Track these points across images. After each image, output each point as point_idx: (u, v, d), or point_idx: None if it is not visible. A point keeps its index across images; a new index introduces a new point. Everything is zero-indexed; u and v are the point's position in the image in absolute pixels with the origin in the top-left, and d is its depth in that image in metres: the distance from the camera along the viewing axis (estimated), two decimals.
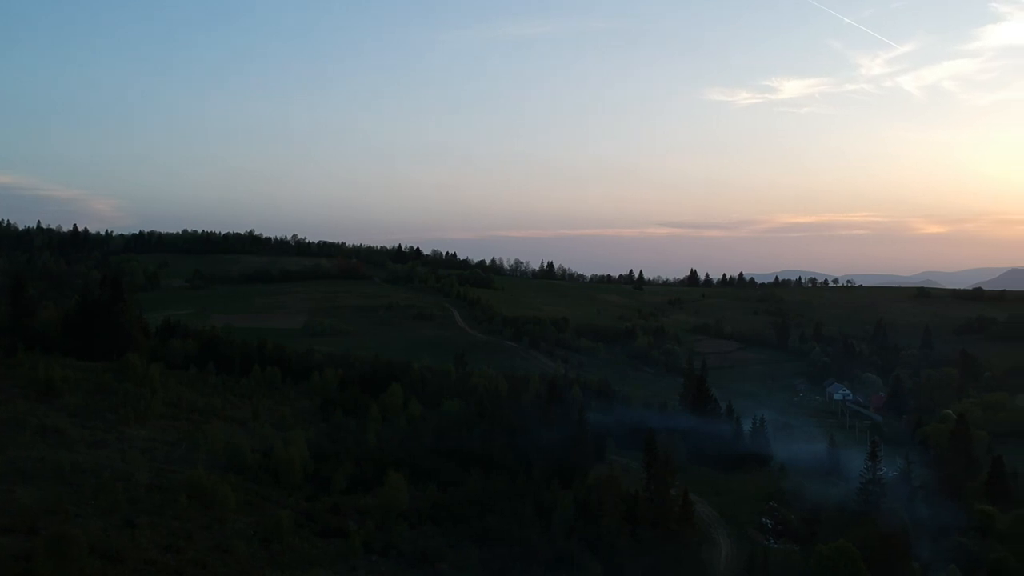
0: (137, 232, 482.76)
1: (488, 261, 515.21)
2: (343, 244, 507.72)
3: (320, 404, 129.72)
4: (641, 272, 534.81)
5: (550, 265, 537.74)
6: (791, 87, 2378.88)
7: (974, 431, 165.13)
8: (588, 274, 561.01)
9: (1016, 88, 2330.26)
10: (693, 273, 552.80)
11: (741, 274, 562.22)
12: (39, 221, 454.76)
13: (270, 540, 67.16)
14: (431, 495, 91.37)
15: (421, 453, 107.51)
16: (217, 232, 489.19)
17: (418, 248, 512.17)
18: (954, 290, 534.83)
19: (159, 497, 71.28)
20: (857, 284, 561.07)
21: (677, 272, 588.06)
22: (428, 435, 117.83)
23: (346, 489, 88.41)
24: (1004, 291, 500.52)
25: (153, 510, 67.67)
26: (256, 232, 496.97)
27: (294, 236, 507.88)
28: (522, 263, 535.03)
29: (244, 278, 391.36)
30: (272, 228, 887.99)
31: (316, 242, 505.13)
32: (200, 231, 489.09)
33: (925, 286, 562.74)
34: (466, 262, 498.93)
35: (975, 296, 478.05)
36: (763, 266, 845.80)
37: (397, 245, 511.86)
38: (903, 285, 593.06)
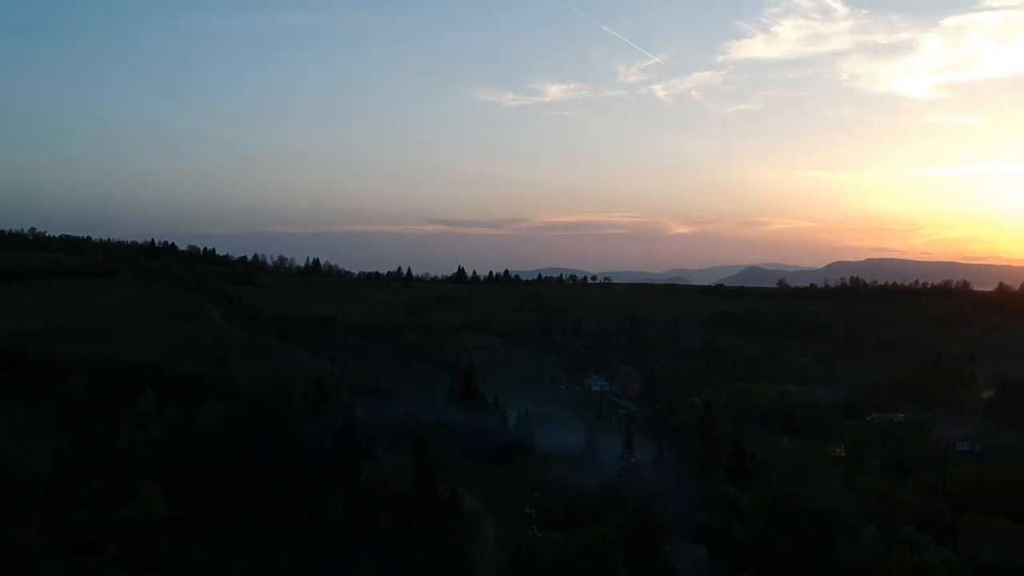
0: None
1: (250, 257, 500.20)
2: (88, 239, 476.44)
3: (65, 412, 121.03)
4: (410, 269, 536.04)
5: (316, 262, 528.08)
6: (555, 91, 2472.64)
7: (719, 418, 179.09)
8: (356, 271, 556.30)
9: (755, 99, 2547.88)
10: (461, 270, 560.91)
11: (507, 271, 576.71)
12: None
13: (13, 559, 61.90)
14: (193, 504, 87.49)
15: (180, 461, 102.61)
16: None
17: (173, 243, 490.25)
18: (700, 286, 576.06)
19: None
20: (614, 281, 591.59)
21: (445, 269, 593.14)
22: (187, 441, 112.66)
23: (98, 502, 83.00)
24: (743, 287, 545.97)
25: None
26: None
27: (32, 230, 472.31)
28: (287, 260, 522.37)
29: None
30: (5, 221, 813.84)
31: (57, 236, 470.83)
32: None
33: (675, 283, 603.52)
34: (226, 258, 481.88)
35: (718, 292, 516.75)
36: (527, 264, 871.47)
37: (150, 240, 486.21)
38: (655, 282, 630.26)
